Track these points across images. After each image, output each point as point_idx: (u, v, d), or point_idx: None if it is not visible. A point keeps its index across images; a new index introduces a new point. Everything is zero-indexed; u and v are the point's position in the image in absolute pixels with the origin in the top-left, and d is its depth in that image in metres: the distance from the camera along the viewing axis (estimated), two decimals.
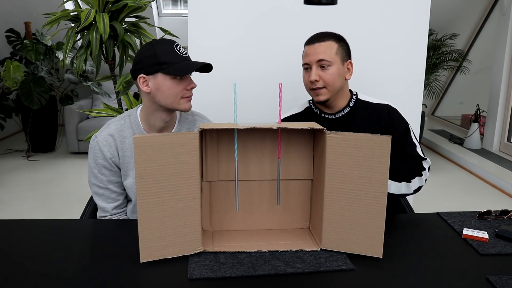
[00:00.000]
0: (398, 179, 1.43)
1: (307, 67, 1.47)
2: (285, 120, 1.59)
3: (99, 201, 1.48)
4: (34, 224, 1.35)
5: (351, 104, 1.52)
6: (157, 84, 1.35)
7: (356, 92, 1.55)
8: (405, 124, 1.50)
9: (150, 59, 1.33)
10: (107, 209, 1.48)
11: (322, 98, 1.46)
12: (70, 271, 1.03)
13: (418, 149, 1.50)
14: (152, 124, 1.45)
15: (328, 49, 1.43)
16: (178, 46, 1.37)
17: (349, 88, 1.55)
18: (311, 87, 1.47)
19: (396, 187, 1.43)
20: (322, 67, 1.43)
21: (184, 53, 1.37)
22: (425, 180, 1.49)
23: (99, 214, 1.51)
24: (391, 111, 1.51)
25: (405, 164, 1.48)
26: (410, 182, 1.44)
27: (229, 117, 1.90)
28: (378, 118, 1.50)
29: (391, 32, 2.13)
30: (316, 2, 1.37)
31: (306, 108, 1.59)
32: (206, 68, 1.40)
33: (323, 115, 1.54)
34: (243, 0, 2.08)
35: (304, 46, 1.51)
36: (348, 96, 1.53)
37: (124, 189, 1.50)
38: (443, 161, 4.69)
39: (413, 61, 2.16)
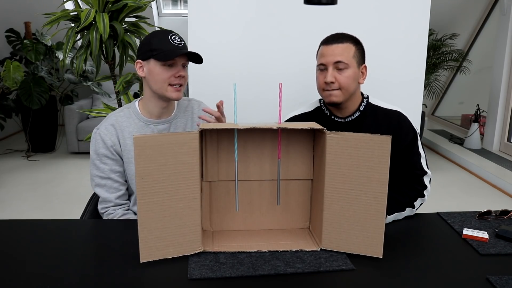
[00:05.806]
0: (402, 208, 1.37)
1: (323, 68, 1.44)
2: (294, 118, 1.57)
3: (101, 192, 1.48)
4: (34, 224, 1.35)
5: (361, 108, 1.48)
6: (149, 70, 1.44)
7: (368, 96, 1.51)
8: (414, 134, 1.47)
9: (145, 46, 1.45)
10: (110, 199, 1.48)
11: (335, 99, 1.42)
12: (70, 271, 1.03)
13: (423, 160, 1.46)
14: (151, 111, 1.52)
15: (346, 51, 1.40)
16: (173, 36, 1.45)
17: (361, 90, 1.52)
18: (325, 88, 1.43)
19: (401, 215, 1.37)
20: (339, 69, 1.40)
21: (177, 43, 1.44)
22: (427, 195, 1.45)
23: (101, 206, 1.49)
24: (401, 118, 1.47)
25: (406, 189, 1.43)
26: (413, 207, 1.39)
27: (229, 117, 1.90)
28: (387, 125, 1.46)
29: (391, 32, 2.13)
30: (316, 2, 1.37)
31: (317, 108, 1.55)
32: (198, 59, 1.46)
33: (332, 117, 1.51)
34: (243, 0, 2.08)
35: (320, 45, 1.47)
36: (359, 99, 1.49)
37: (126, 181, 1.51)
38: (443, 161, 4.69)
39: (413, 61, 2.16)
